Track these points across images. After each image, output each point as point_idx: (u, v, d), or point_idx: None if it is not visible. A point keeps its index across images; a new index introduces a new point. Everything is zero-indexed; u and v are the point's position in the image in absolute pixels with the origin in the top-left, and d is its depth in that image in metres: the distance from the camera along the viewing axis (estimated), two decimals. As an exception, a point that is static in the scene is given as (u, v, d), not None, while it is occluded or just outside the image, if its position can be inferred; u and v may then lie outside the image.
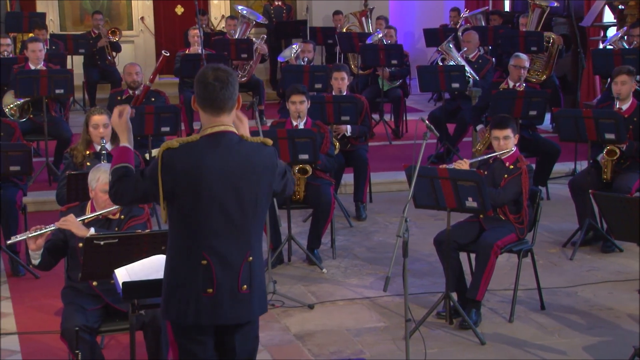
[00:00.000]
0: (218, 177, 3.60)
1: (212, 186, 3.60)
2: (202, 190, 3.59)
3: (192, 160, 3.59)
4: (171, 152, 3.60)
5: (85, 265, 4.56)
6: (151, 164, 3.66)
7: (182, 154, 3.60)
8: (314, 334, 5.81)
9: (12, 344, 5.67)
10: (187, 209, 3.62)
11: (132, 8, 14.69)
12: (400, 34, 13.64)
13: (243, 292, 3.69)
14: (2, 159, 6.61)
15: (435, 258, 6.39)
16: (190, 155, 3.60)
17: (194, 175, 3.59)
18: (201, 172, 3.59)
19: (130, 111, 3.99)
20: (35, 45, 9.63)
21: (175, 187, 3.60)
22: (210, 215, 3.62)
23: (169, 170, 3.59)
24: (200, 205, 3.61)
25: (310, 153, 6.91)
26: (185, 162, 3.59)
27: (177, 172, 3.59)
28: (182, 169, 3.59)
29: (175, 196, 3.62)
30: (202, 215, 3.62)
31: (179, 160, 3.59)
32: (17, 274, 6.83)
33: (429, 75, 9.97)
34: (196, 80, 3.68)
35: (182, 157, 3.59)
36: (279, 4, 14.58)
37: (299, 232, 7.64)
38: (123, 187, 3.72)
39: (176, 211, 3.65)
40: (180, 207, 3.63)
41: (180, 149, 3.60)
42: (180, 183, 3.59)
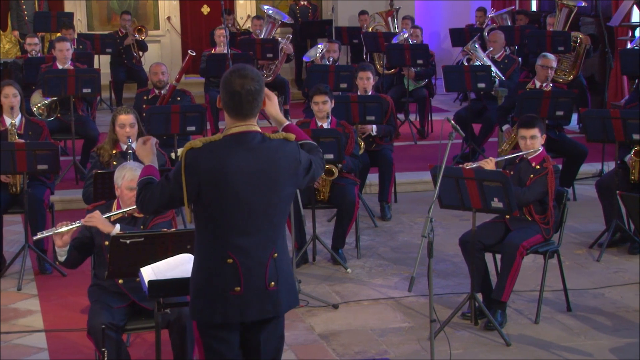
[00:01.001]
0: (242, 175, 3.61)
1: (236, 185, 3.61)
2: (226, 189, 3.60)
3: (215, 160, 3.60)
4: (195, 152, 3.61)
5: (112, 263, 4.59)
6: (175, 167, 3.68)
7: (205, 153, 3.61)
8: (338, 334, 5.81)
9: (39, 341, 5.71)
10: (211, 208, 3.63)
11: (159, 8, 14.76)
12: (426, 34, 13.61)
13: (271, 289, 3.70)
14: (31, 157, 6.67)
15: (460, 258, 6.37)
16: (214, 154, 3.61)
17: (218, 175, 3.60)
18: (225, 171, 3.60)
19: (156, 142, 4.05)
20: (62, 44, 9.72)
21: (199, 187, 3.61)
22: (235, 213, 3.63)
23: (192, 170, 3.60)
24: (224, 204, 3.62)
25: (335, 153, 6.91)
26: (209, 162, 3.60)
27: (201, 172, 3.60)
28: (206, 168, 3.60)
29: (199, 196, 3.63)
30: (226, 214, 3.63)
31: (203, 160, 3.60)
32: (44, 272, 6.88)
33: (454, 75, 9.93)
34: (222, 86, 3.67)
35: (206, 157, 3.60)
36: (305, 3, 14.58)
37: (323, 231, 7.64)
38: (149, 194, 3.73)
39: (201, 210, 3.66)
40: (205, 207, 3.65)
41: (204, 148, 3.61)
42: (205, 183, 3.60)
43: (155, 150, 4.02)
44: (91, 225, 4.85)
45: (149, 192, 3.73)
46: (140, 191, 3.77)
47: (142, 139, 4.05)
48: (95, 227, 4.86)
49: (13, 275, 6.79)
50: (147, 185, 3.76)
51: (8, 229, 7.36)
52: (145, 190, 3.75)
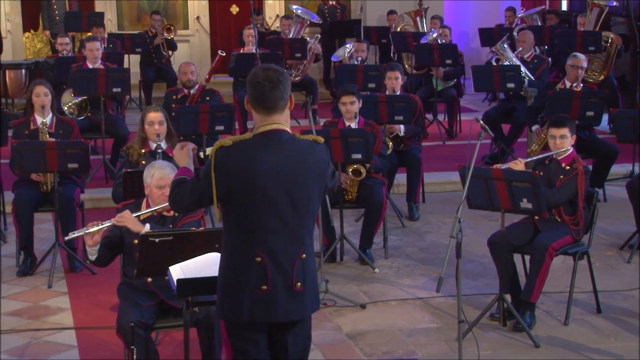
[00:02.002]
0: (271, 175, 3.62)
1: (266, 184, 3.62)
2: (256, 188, 3.61)
3: (245, 158, 3.61)
4: (224, 150, 3.62)
5: (141, 262, 4.61)
6: (205, 165, 3.70)
7: (235, 152, 3.62)
8: (366, 334, 5.81)
9: (69, 338, 5.76)
10: (241, 207, 3.64)
11: (188, 8, 14.83)
12: (455, 34, 13.55)
13: (297, 290, 3.71)
14: (61, 156, 6.72)
15: (488, 259, 6.34)
16: (243, 153, 3.62)
17: (247, 173, 3.61)
18: (254, 170, 3.60)
19: (193, 147, 4.09)
20: (92, 44, 9.80)
21: (229, 186, 3.62)
22: (264, 213, 3.63)
23: (222, 169, 3.61)
24: (254, 203, 3.63)
25: (363, 152, 6.91)
26: (238, 160, 3.61)
27: (230, 170, 3.61)
28: (235, 167, 3.61)
29: (229, 194, 3.64)
30: (256, 213, 3.63)
31: (232, 159, 3.61)
32: (74, 270, 6.94)
33: (483, 75, 9.89)
34: (247, 80, 3.71)
35: (236, 155, 3.61)
36: (333, 3, 14.58)
37: (351, 231, 7.64)
38: (180, 192, 3.78)
39: (230, 209, 3.67)
40: (234, 205, 3.65)
41: (234, 147, 3.62)
42: (234, 181, 3.61)
43: (192, 156, 4.06)
44: (122, 225, 4.88)
45: (181, 190, 3.77)
46: (172, 189, 3.83)
47: (180, 145, 4.10)
48: (125, 226, 4.89)
49: (44, 273, 6.85)
50: (180, 184, 3.80)
51: (39, 227, 7.42)
52: (177, 188, 3.80)
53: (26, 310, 6.22)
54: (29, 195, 6.95)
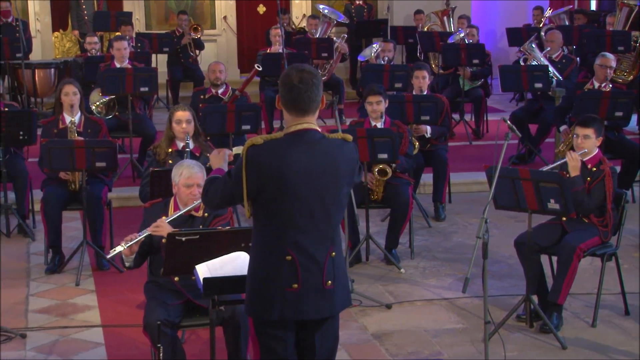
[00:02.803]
0: (302, 174, 3.64)
1: (296, 183, 3.63)
2: (287, 186, 3.63)
3: (276, 157, 3.63)
4: (256, 148, 3.64)
5: (167, 260, 4.63)
6: (236, 164, 3.72)
7: (266, 150, 3.64)
8: (391, 334, 5.80)
9: (97, 336, 5.80)
10: (271, 206, 3.66)
11: (215, 7, 14.89)
12: (482, 33, 13.50)
13: (327, 288, 3.72)
14: (89, 155, 6.77)
15: (515, 260, 6.31)
16: (274, 152, 3.63)
17: (278, 172, 3.62)
18: (285, 169, 3.62)
19: (229, 153, 4.17)
20: (120, 43, 9.87)
21: (259, 184, 3.64)
22: (295, 211, 3.65)
23: (253, 167, 3.63)
24: (284, 202, 3.64)
25: (389, 152, 6.90)
26: (269, 159, 3.63)
27: (261, 169, 3.63)
28: (266, 165, 3.62)
29: (259, 193, 3.66)
30: (286, 211, 3.65)
31: (264, 157, 3.63)
32: (102, 268, 6.99)
33: (511, 75, 9.84)
34: (281, 81, 3.71)
35: (267, 154, 3.63)
36: (360, 3, 14.57)
37: (377, 231, 7.63)
38: (212, 189, 3.82)
39: (261, 208, 3.69)
40: (264, 204, 3.67)
41: (265, 145, 3.64)
42: (265, 179, 3.63)
43: (227, 160, 4.15)
44: (158, 235, 4.89)
45: (213, 187, 3.82)
46: (206, 186, 3.89)
47: (217, 150, 4.19)
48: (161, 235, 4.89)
49: (71, 271, 6.90)
50: (213, 181, 3.85)
51: (67, 225, 7.48)
52: (210, 185, 3.85)
53: (54, 307, 6.27)
54: (58, 193, 7.01)
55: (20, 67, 11.59)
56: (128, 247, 4.87)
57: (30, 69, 11.85)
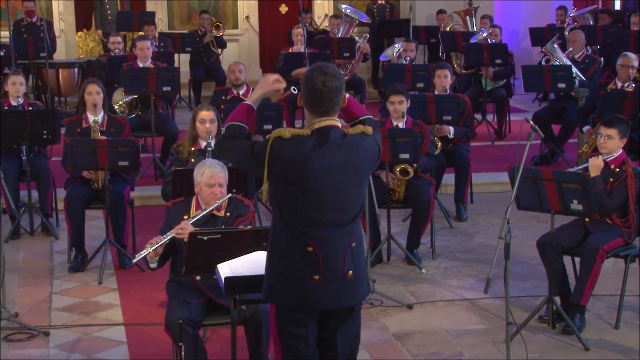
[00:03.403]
0: (324, 171, 3.67)
1: (318, 180, 3.66)
2: (309, 182, 3.66)
3: (300, 152, 3.65)
4: (282, 141, 3.66)
5: (189, 259, 4.65)
6: (261, 145, 3.71)
7: (291, 145, 3.66)
8: (412, 334, 5.79)
9: (119, 334, 5.83)
10: (293, 199, 3.69)
11: (238, 7, 14.92)
12: (505, 33, 13.44)
13: (349, 278, 3.74)
14: (112, 154, 6.81)
15: (537, 261, 6.28)
16: (299, 147, 3.66)
17: (300, 167, 3.65)
18: (308, 165, 3.65)
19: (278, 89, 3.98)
20: (143, 43, 9.91)
21: (280, 175, 3.67)
22: (316, 205, 3.68)
23: (276, 158, 3.66)
24: (305, 196, 3.67)
25: (411, 152, 6.88)
26: (293, 153, 3.65)
27: (284, 161, 3.65)
28: (289, 159, 3.65)
29: (280, 184, 3.68)
30: (307, 205, 3.68)
31: (288, 151, 3.65)
32: (124, 267, 7.02)
33: (534, 75, 9.79)
34: (304, 83, 3.73)
35: (291, 148, 3.66)
36: (383, 2, 14.54)
37: (398, 231, 7.61)
38: (232, 147, 3.79)
39: (282, 199, 3.71)
40: (286, 196, 3.69)
41: (291, 140, 3.66)
42: (286, 173, 3.66)
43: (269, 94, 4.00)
44: (182, 237, 4.91)
45: (231, 145, 3.79)
46: (225, 139, 3.83)
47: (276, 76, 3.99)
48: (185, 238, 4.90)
49: (94, 269, 6.94)
50: (235, 139, 3.80)
51: (90, 224, 7.52)
52: (230, 140, 3.80)
53: (77, 306, 6.31)
54: (81, 192, 7.05)
55: (44, 67, 11.68)
56: (153, 250, 4.89)
57: (54, 68, 11.94)
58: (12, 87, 7.88)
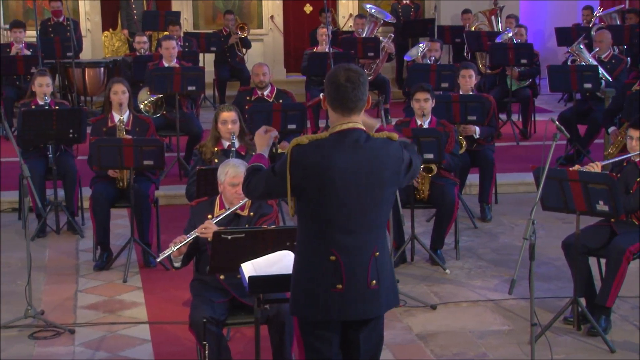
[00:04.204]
0: (345, 174, 3.64)
1: (340, 183, 3.64)
2: (330, 186, 3.64)
3: (320, 157, 3.64)
4: (300, 148, 3.66)
5: (213, 258, 4.67)
6: (281, 160, 3.73)
7: (311, 150, 3.65)
8: (436, 335, 5.77)
9: (143, 332, 5.86)
10: (315, 205, 3.67)
11: (262, 7, 14.95)
12: (531, 33, 13.37)
13: (372, 288, 3.72)
14: (137, 153, 6.84)
15: (562, 262, 6.24)
16: (319, 151, 3.64)
17: (322, 172, 3.63)
18: (329, 169, 3.63)
19: (275, 135, 4.09)
20: (168, 43, 9.96)
21: (303, 183, 3.65)
22: (338, 211, 3.66)
23: (297, 166, 3.65)
24: (327, 202, 3.65)
25: (435, 152, 6.86)
26: (313, 159, 3.64)
27: (305, 168, 3.64)
28: (310, 165, 3.64)
29: (303, 191, 3.67)
30: (330, 211, 3.66)
31: (308, 157, 3.64)
32: (149, 265, 7.05)
33: (560, 75, 9.74)
34: (327, 80, 3.72)
35: (311, 154, 3.64)
36: (407, 2, 14.51)
37: (422, 231, 7.60)
38: (255, 181, 3.82)
39: (305, 207, 3.70)
40: (308, 203, 3.68)
41: (310, 145, 3.66)
42: (309, 179, 3.65)
43: (271, 144, 4.07)
44: (206, 237, 4.93)
45: (256, 178, 3.82)
46: (248, 176, 3.87)
47: (264, 128, 4.07)
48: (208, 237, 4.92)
49: (119, 267, 6.98)
50: (255, 172, 3.84)
51: (115, 222, 7.56)
52: (252, 176, 3.84)
53: (102, 304, 6.35)
54: (106, 191, 7.09)
55: (70, 66, 11.76)
56: (177, 249, 4.91)
57: (80, 68, 12.02)
58: (39, 89, 7.95)
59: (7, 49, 11.37)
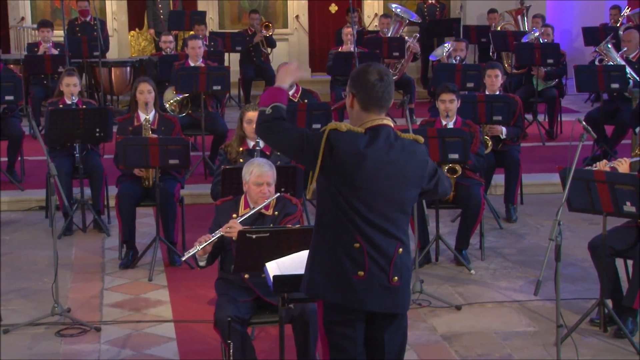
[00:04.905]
0: (375, 168, 3.67)
1: (371, 176, 3.67)
2: (359, 177, 3.66)
3: (353, 148, 3.66)
4: (337, 133, 3.67)
5: (238, 258, 4.69)
6: (317, 135, 3.68)
7: (346, 139, 3.66)
8: (461, 336, 5.75)
9: (168, 331, 5.89)
10: (343, 192, 3.69)
11: (288, 7, 14.97)
12: (558, 33, 13.29)
13: (394, 284, 3.73)
14: (163, 152, 6.87)
15: (589, 263, 6.20)
16: (353, 142, 3.67)
17: (353, 162, 3.66)
18: (359, 161, 3.65)
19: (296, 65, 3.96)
20: (194, 42, 10.00)
21: (333, 167, 3.67)
22: (365, 203, 3.68)
23: (330, 149, 3.66)
24: (356, 192, 3.67)
25: (460, 152, 6.84)
26: (347, 147, 3.66)
27: (337, 154, 3.65)
28: (343, 152, 3.65)
29: (332, 175, 3.69)
30: (357, 200, 3.68)
31: (342, 144, 3.66)
32: (174, 264, 7.08)
33: (587, 75, 9.67)
34: (358, 79, 3.72)
35: (346, 142, 3.66)
36: (433, 2, 14.48)
37: (447, 232, 7.57)
38: (283, 129, 3.69)
39: (332, 192, 3.70)
40: (336, 189, 3.69)
41: (347, 134, 3.67)
42: (339, 165, 3.67)
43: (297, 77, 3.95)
44: (230, 236, 4.95)
45: (283, 127, 3.70)
46: (272, 118, 3.71)
47: (296, 64, 3.96)
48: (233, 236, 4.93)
49: (145, 266, 7.02)
50: (283, 122, 3.70)
51: (140, 221, 7.60)
52: (279, 122, 3.70)
53: (127, 302, 6.39)
54: (132, 190, 7.13)
55: (97, 66, 11.84)
56: (202, 248, 4.93)
57: (106, 67, 12.11)
58: (67, 88, 8.01)
59: (35, 48, 11.47)
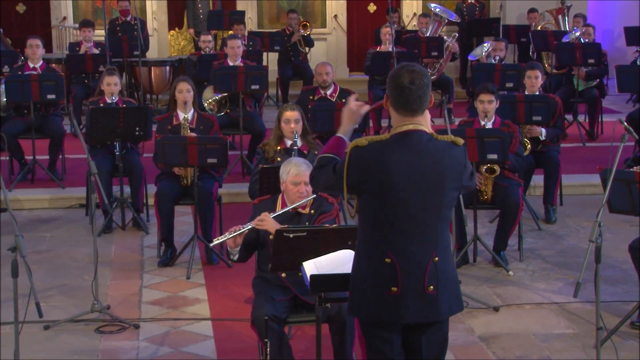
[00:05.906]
0: (405, 175, 3.61)
1: (399, 184, 3.60)
2: (388, 188, 3.61)
3: (379, 159, 3.61)
4: (359, 150, 3.64)
5: (275, 256, 4.70)
6: (342, 161, 3.72)
7: (370, 152, 3.63)
8: (499, 337, 5.72)
9: (206, 329, 5.93)
10: (373, 206, 3.65)
11: (326, 6, 14.98)
12: (599, 32, 13.15)
13: (429, 293, 3.66)
14: (201, 151, 6.91)
15: (629, 265, 6.13)
16: (378, 153, 3.62)
17: (380, 173, 3.61)
18: (388, 171, 3.60)
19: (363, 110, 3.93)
20: (234, 42, 10.05)
21: (361, 184, 3.64)
22: (396, 213, 3.63)
23: (354, 167, 3.63)
24: (385, 203, 3.62)
25: (499, 153, 6.79)
26: (372, 160, 3.61)
27: (363, 169, 3.62)
28: (368, 166, 3.62)
29: (362, 192, 3.66)
30: (387, 213, 3.63)
31: (366, 158, 3.62)
32: (212, 262, 7.12)
33: (628, 75, 9.57)
34: (390, 81, 3.68)
35: (370, 155, 3.62)
36: (472, 1, 14.38)
37: (485, 232, 7.53)
38: (320, 174, 3.82)
39: (364, 207, 3.69)
40: (366, 204, 3.67)
41: (369, 147, 3.63)
42: (367, 180, 3.63)
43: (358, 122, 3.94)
44: (262, 228, 4.97)
45: (319, 172, 3.82)
46: (315, 169, 3.87)
47: (355, 101, 3.93)
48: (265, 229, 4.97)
49: (183, 264, 7.06)
50: (322, 167, 3.81)
51: (179, 219, 7.65)
52: (319, 170, 3.83)
53: (166, 300, 6.44)
54: (171, 188, 7.18)
55: (137, 65, 11.95)
56: (232, 237, 4.94)
57: (146, 66, 12.20)
58: (107, 87, 8.09)
59: (76, 47, 11.60)
